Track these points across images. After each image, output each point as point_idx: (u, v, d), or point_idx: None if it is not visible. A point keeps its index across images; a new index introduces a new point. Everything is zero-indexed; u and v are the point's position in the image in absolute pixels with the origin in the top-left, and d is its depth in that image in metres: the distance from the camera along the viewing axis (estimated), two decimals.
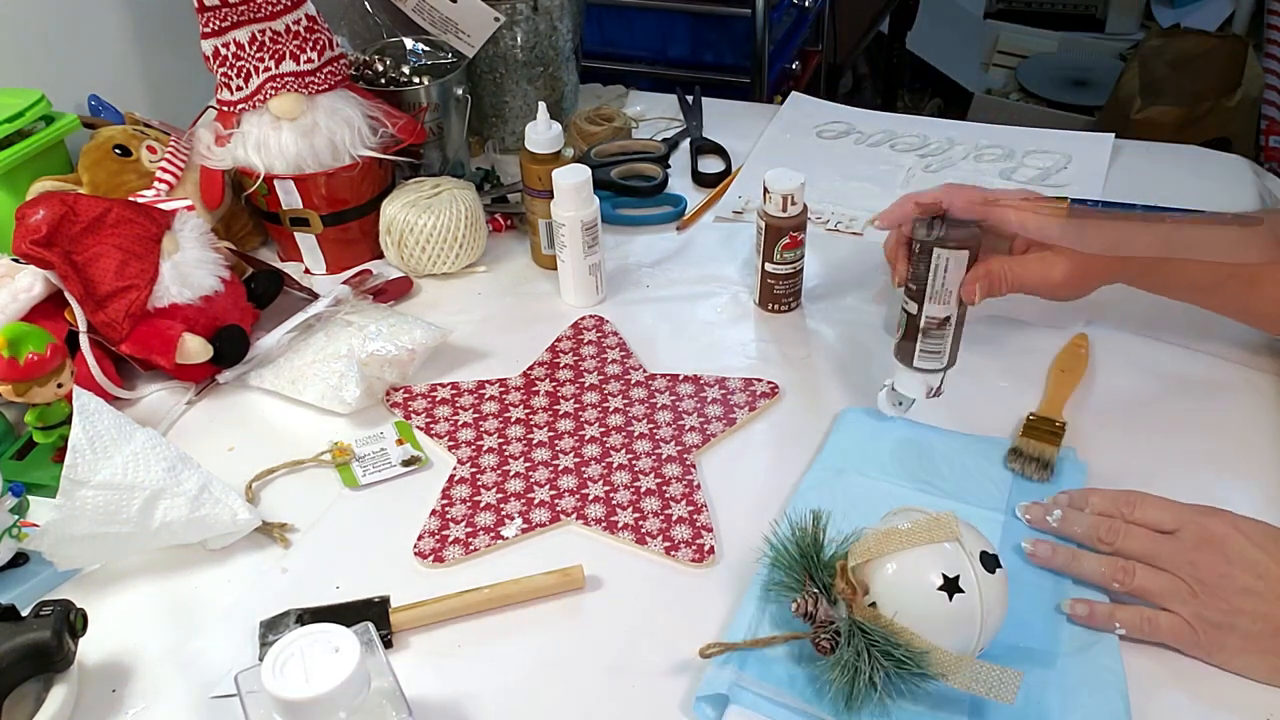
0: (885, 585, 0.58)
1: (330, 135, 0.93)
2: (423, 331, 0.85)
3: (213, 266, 0.86)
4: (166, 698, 0.62)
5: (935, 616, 0.56)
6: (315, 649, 0.51)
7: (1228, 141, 1.99)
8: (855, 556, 0.59)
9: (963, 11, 2.70)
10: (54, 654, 0.58)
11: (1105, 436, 0.77)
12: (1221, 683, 0.60)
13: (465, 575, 0.69)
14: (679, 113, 1.23)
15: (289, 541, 0.72)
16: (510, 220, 1.06)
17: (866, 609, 0.58)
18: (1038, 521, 0.68)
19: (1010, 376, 0.83)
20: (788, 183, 0.86)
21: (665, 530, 0.71)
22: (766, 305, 0.92)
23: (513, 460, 0.78)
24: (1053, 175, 1.08)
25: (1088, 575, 0.65)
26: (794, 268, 0.90)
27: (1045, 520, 0.68)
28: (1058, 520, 0.68)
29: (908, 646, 0.56)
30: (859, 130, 1.18)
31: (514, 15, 1.09)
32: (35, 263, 0.79)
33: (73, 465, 0.66)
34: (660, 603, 0.67)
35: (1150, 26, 2.62)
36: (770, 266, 0.89)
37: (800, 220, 0.87)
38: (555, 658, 0.64)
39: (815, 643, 0.59)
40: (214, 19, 0.88)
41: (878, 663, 0.56)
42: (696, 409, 0.81)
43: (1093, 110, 2.43)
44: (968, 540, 0.58)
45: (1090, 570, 0.65)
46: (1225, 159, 1.10)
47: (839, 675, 0.57)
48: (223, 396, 0.86)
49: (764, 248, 0.88)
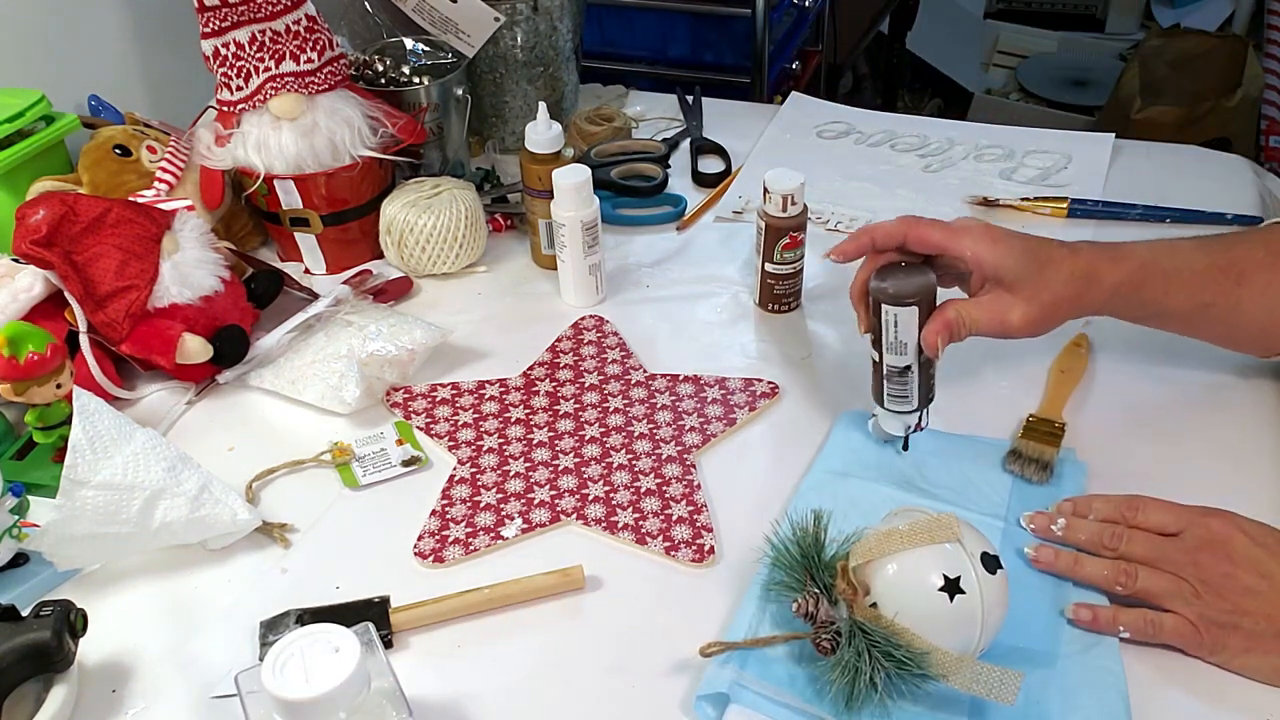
0: (886, 586, 0.58)
1: (330, 135, 0.93)
2: (423, 331, 0.85)
3: (213, 266, 0.86)
4: (166, 698, 0.62)
5: (936, 617, 0.56)
6: (315, 649, 0.51)
7: (1228, 141, 1.99)
8: (856, 557, 0.59)
9: (963, 11, 2.70)
10: (54, 654, 0.58)
11: (1105, 437, 0.77)
12: (1222, 683, 0.60)
13: (465, 575, 0.69)
14: (679, 113, 1.23)
15: (289, 541, 0.72)
16: (510, 220, 1.06)
17: (867, 609, 0.58)
18: (1042, 530, 0.68)
19: (1010, 377, 0.83)
20: (788, 183, 0.86)
21: (665, 530, 0.71)
22: (767, 305, 0.92)
23: (513, 460, 0.78)
24: (1053, 175, 1.08)
25: (1090, 579, 0.65)
26: (794, 268, 0.90)
27: (1049, 529, 0.68)
28: (1062, 529, 0.68)
29: (909, 647, 0.56)
30: (859, 130, 1.18)
31: (514, 15, 1.09)
32: (35, 263, 0.79)
33: (73, 465, 0.66)
34: (660, 603, 0.67)
35: (1150, 26, 2.62)
36: (770, 267, 0.89)
37: (800, 220, 0.87)
38: (555, 658, 0.64)
39: (816, 643, 0.59)
40: (214, 19, 0.88)
41: (878, 663, 0.56)
42: (696, 409, 0.81)
43: (1093, 110, 2.43)
44: (969, 541, 0.58)
45: (1092, 574, 0.65)
46: (1225, 159, 1.10)
47: (839, 676, 0.57)
48: (223, 396, 0.86)
49: (764, 248, 0.88)
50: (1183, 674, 0.60)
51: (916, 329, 0.70)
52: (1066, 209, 1.01)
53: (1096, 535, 0.66)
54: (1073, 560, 0.65)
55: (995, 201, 1.03)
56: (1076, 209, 1.01)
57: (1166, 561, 0.63)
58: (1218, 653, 0.60)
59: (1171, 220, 0.99)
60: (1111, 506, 0.67)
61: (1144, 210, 1.00)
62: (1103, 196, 1.03)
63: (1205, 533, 0.62)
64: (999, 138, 1.15)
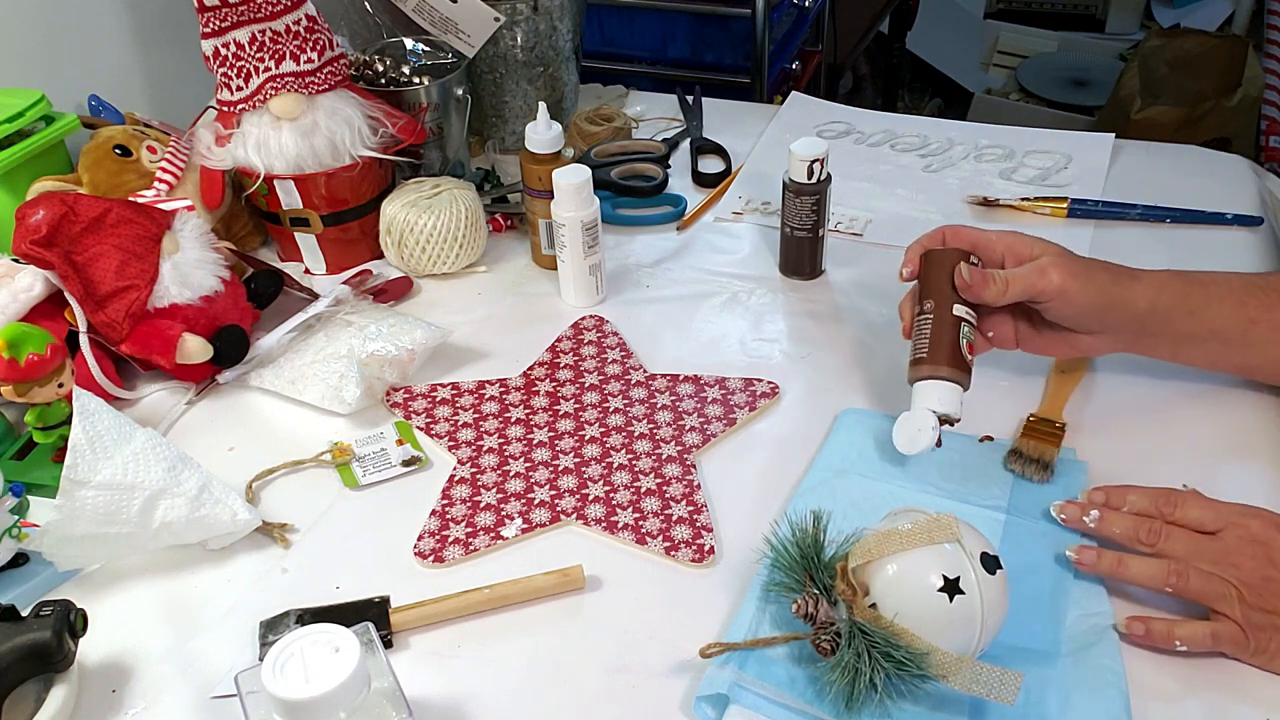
0: (886, 586, 0.58)
1: (330, 135, 0.93)
2: (423, 332, 0.85)
3: (213, 266, 0.86)
4: (166, 698, 0.62)
5: (936, 618, 0.56)
6: (315, 649, 0.51)
7: (1228, 141, 1.99)
8: (855, 558, 0.59)
9: (963, 11, 2.70)
10: (54, 654, 0.58)
11: (1105, 437, 0.77)
12: (1222, 681, 0.60)
13: (465, 575, 0.69)
14: (679, 113, 1.23)
15: (289, 541, 0.72)
16: (510, 220, 1.06)
17: (867, 610, 0.58)
18: (1074, 521, 0.67)
19: (1010, 377, 0.83)
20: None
21: (665, 530, 0.71)
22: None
23: (513, 460, 0.78)
24: (1053, 175, 1.08)
25: (1137, 580, 0.63)
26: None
27: (1082, 521, 0.66)
28: (1095, 521, 0.66)
29: (908, 648, 0.56)
30: (859, 130, 1.18)
31: (514, 15, 1.09)
32: (35, 263, 0.79)
33: (73, 465, 0.66)
34: (660, 603, 0.67)
35: (1150, 26, 2.62)
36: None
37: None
38: (555, 658, 0.64)
39: (816, 644, 0.59)
40: (214, 19, 0.88)
41: (878, 664, 0.56)
42: (696, 409, 0.81)
43: (1093, 110, 2.43)
44: (968, 541, 0.58)
45: (1140, 574, 0.63)
46: (1225, 159, 1.10)
47: (839, 676, 0.57)
48: (223, 396, 0.86)
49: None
50: (1185, 672, 0.60)
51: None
52: (1066, 209, 1.01)
53: (1133, 530, 0.64)
54: (1116, 561, 0.63)
55: (995, 201, 1.03)
56: (1076, 209, 1.01)
57: (1205, 560, 0.61)
58: (1259, 655, 0.59)
59: (1172, 220, 0.99)
60: (1148, 500, 0.65)
61: (1144, 210, 1.00)
62: (1103, 196, 1.03)
63: (1245, 533, 0.61)
64: (999, 138, 1.15)
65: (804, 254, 0.94)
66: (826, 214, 0.93)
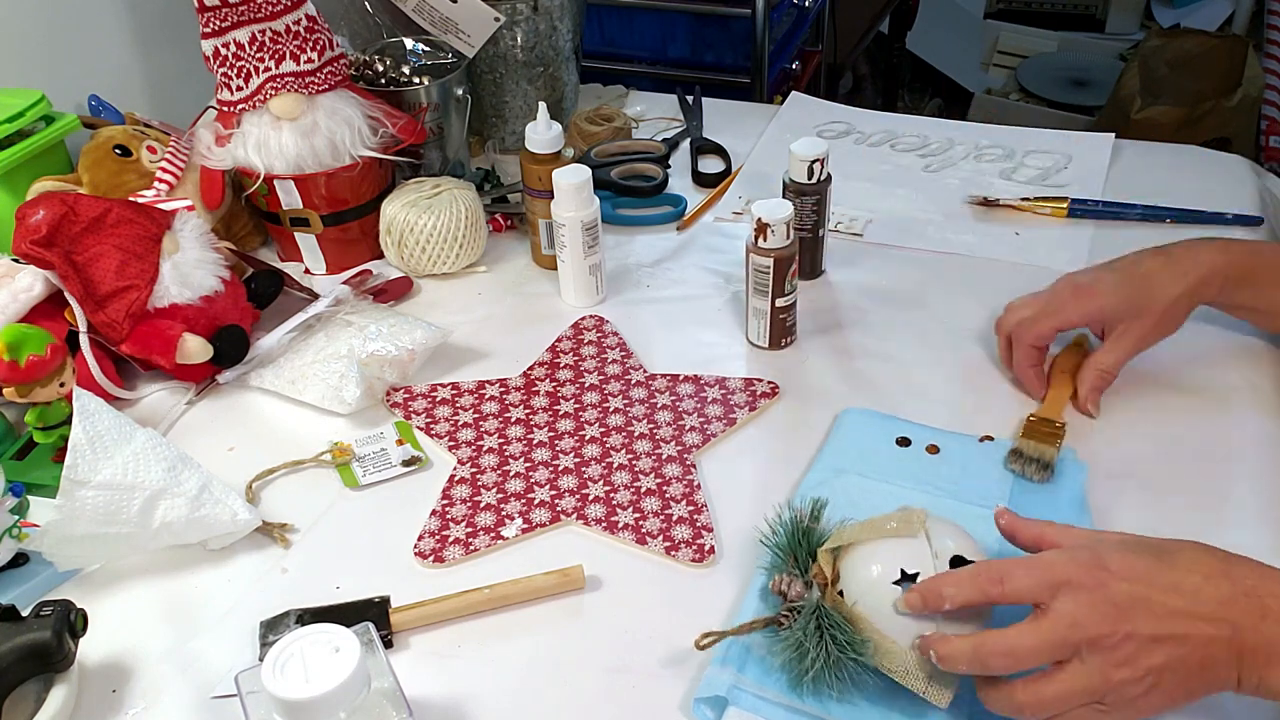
0: (850, 573, 0.59)
1: (330, 135, 0.93)
2: (423, 332, 0.85)
3: (213, 266, 0.86)
4: (166, 698, 0.62)
5: (891, 609, 0.57)
6: (315, 649, 0.51)
7: (1228, 141, 1.99)
8: (830, 542, 0.61)
9: (963, 11, 2.70)
10: (54, 654, 0.58)
11: (1105, 437, 0.77)
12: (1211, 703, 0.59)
13: (465, 575, 0.69)
14: (679, 113, 1.23)
15: (289, 541, 0.72)
16: (510, 220, 1.06)
17: (835, 595, 0.59)
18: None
19: (1010, 377, 0.82)
20: (783, 211, 0.82)
21: (665, 530, 0.71)
22: (780, 342, 0.87)
23: (513, 460, 0.78)
24: (1053, 175, 1.08)
25: None
26: (796, 293, 0.86)
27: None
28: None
29: (851, 633, 0.57)
30: (859, 130, 1.18)
31: (514, 15, 1.09)
32: (35, 263, 0.79)
33: (73, 465, 0.66)
34: (660, 603, 0.67)
35: (1150, 26, 2.62)
36: (781, 301, 0.84)
37: (795, 246, 0.84)
38: (555, 658, 0.64)
39: (777, 618, 0.60)
40: (214, 19, 0.88)
41: (826, 645, 0.57)
42: (697, 409, 0.81)
43: (1093, 110, 2.43)
44: (940, 538, 0.58)
45: None
46: (1225, 159, 1.10)
47: (783, 649, 0.59)
48: (223, 396, 0.86)
49: (773, 284, 0.83)
50: None
51: None
52: (1066, 209, 1.01)
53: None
54: None
55: (995, 201, 1.03)
56: (1076, 209, 1.01)
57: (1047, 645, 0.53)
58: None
59: (1172, 220, 0.99)
60: (971, 588, 0.55)
61: (1144, 210, 1.00)
62: (1103, 196, 1.03)
63: (1075, 593, 0.53)
64: (999, 138, 1.15)
65: (804, 254, 0.94)
66: (827, 214, 0.93)
